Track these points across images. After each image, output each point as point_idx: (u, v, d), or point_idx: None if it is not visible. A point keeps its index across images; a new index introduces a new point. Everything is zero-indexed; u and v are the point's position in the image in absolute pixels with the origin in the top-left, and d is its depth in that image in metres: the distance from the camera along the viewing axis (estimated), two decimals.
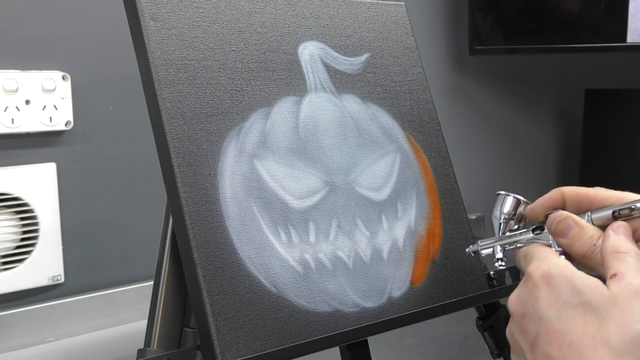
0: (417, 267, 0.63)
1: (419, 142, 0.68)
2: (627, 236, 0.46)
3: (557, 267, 0.45)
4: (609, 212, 0.48)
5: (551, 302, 0.44)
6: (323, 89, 0.63)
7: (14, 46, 1.08)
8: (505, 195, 0.55)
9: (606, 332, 0.41)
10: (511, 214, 0.55)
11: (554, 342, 0.43)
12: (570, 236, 0.49)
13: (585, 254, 0.48)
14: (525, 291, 0.46)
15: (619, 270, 0.44)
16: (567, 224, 0.49)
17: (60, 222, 1.13)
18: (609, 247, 0.46)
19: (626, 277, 0.43)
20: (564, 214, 0.50)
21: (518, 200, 0.55)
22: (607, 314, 0.42)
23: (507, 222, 0.55)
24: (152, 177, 0.89)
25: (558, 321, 0.43)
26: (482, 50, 1.59)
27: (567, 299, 0.44)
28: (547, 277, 0.45)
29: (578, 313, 0.43)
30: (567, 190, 0.52)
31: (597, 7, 1.52)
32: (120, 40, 1.16)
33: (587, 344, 0.42)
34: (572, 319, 0.43)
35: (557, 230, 0.50)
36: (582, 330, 0.42)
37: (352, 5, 0.68)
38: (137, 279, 1.20)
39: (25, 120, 1.08)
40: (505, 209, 0.55)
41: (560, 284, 0.44)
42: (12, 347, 1.08)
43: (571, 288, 0.44)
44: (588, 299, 0.43)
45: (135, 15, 0.55)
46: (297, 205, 0.58)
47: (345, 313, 0.57)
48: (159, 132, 0.54)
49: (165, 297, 0.56)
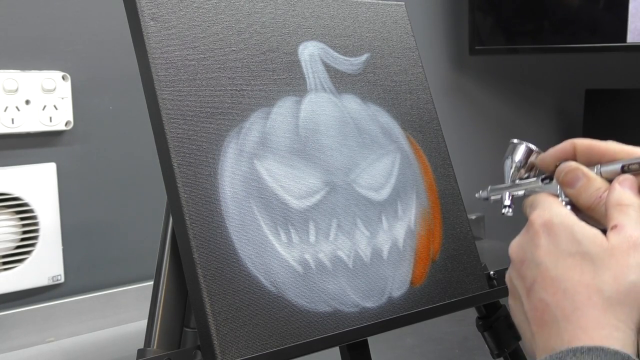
0: (417, 267, 0.63)
1: (419, 142, 0.68)
2: (632, 189, 0.47)
3: (559, 217, 0.46)
4: (618, 166, 0.48)
5: (550, 250, 0.45)
6: (323, 89, 0.63)
7: (14, 46, 1.08)
8: (517, 143, 0.56)
9: (601, 281, 0.42)
10: (522, 162, 0.55)
11: (549, 288, 0.44)
12: (578, 187, 0.49)
13: (591, 206, 0.48)
14: (526, 238, 0.47)
15: (619, 222, 0.44)
16: (576, 174, 0.50)
17: (60, 222, 1.12)
18: (613, 199, 0.46)
19: (626, 229, 0.44)
20: (573, 164, 0.50)
21: (530, 149, 0.55)
22: (603, 264, 0.43)
23: (517, 170, 0.55)
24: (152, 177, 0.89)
25: (555, 268, 0.44)
26: (482, 50, 1.59)
27: (565, 248, 0.44)
28: (548, 225, 0.46)
29: (575, 261, 0.44)
30: (579, 142, 0.52)
31: (597, 7, 1.52)
32: (120, 40, 1.15)
33: (581, 291, 0.43)
34: (568, 267, 0.44)
35: (565, 180, 0.50)
36: (577, 278, 0.43)
37: (352, 5, 0.68)
38: (137, 279, 1.20)
39: (25, 120, 1.08)
40: (516, 157, 0.55)
41: (560, 232, 0.45)
42: (12, 347, 1.07)
43: (570, 237, 0.45)
44: (586, 249, 0.44)
45: (135, 15, 0.55)
46: (297, 205, 0.58)
47: (345, 313, 0.57)
48: (159, 132, 0.54)
49: (165, 297, 0.56)
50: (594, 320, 0.42)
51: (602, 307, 0.42)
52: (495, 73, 1.74)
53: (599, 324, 0.41)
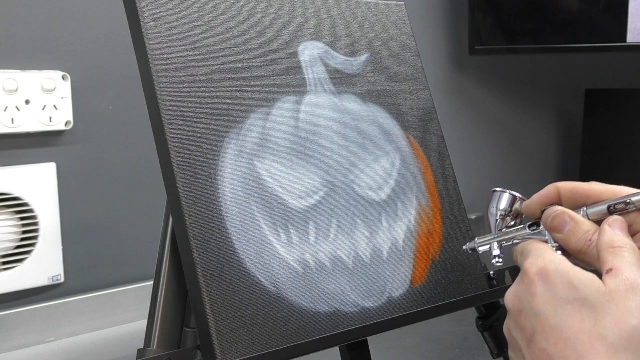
0: (417, 267, 0.63)
1: (419, 142, 0.68)
2: (623, 230, 0.46)
3: (553, 263, 0.45)
4: (605, 207, 0.48)
5: (547, 298, 0.44)
6: (323, 89, 0.63)
7: (14, 46, 1.08)
8: (501, 192, 0.55)
9: (602, 327, 0.41)
10: (507, 210, 0.55)
11: (551, 338, 0.43)
12: (566, 231, 0.49)
13: (582, 249, 0.48)
14: (522, 287, 0.46)
15: (614, 265, 0.44)
16: (563, 219, 0.49)
17: (60, 222, 1.13)
18: (604, 242, 0.46)
19: (622, 272, 0.43)
20: (559, 209, 0.50)
21: (514, 197, 0.55)
22: (603, 310, 0.42)
23: (503, 218, 0.55)
24: (152, 177, 0.89)
25: (554, 317, 0.43)
26: (482, 50, 1.59)
27: (563, 295, 0.44)
28: (543, 273, 0.45)
29: (574, 309, 0.43)
30: (562, 185, 0.52)
31: (597, 7, 1.52)
32: (120, 40, 1.16)
33: (584, 339, 0.42)
34: (568, 314, 0.43)
35: (553, 225, 0.50)
36: (578, 326, 0.42)
37: (352, 5, 0.68)
38: (137, 279, 1.20)
39: (25, 120, 1.08)
40: (501, 205, 0.55)
41: (556, 279, 0.44)
42: (12, 347, 1.08)
43: (567, 284, 0.44)
44: (584, 295, 0.43)
45: (135, 15, 0.55)
46: (297, 205, 0.58)
47: (345, 313, 0.57)
48: (159, 132, 0.54)
49: (165, 297, 0.56)
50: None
51: (606, 354, 0.41)
52: (495, 73, 1.74)
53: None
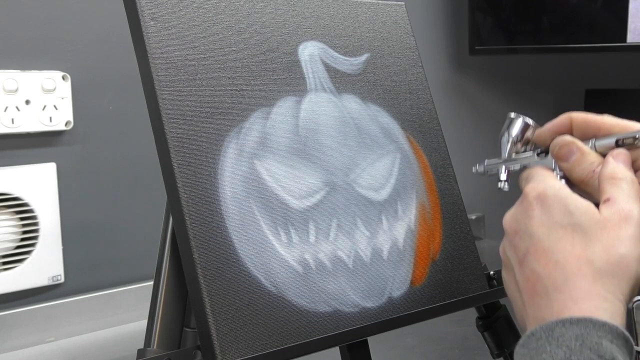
0: (417, 267, 0.63)
1: (419, 142, 0.68)
2: (625, 163, 0.47)
3: (553, 189, 0.46)
4: (612, 140, 0.49)
5: (543, 221, 0.45)
6: (323, 89, 0.63)
7: (14, 46, 1.08)
8: (514, 117, 0.56)
9: (591, 252, 0.43)
10: (519, 136, 0.55)
11: (541, 259, 0.44)
12: (572, 161, 0.50)
13: (584, 179, 0.49)
14: (520, 209, 0.48)
15: (612, 195, 0.45)
16: (570, 148, 0.50)
17: (60, 222, 1.13)
18: (606, 173, 0.47)
19: (618, 201, 0.44)
20: (567, 138, 0.51)
21: (527, 124, 0.55)
22: (594, 236, 0.43)
23: (514, 144, 0.55)
24: (152, 177, 0.89)
25: (547, 240, 0.45)
26: (482, 50, 1.59)
27: (558, 219, 0.45)
28: (542, 197, 0.46)
29: (567, 233, 0.44)
30: (575, 115, 0.52)
31: (597, 7, 1.52)
32: (120, 40, 1.16)
33: (572, 262, 0.43)
34: (560, 238, 0.44)
35: (560, 154, 0.50)
36: (569, 250, 0.43)
37: (352, 5, 0.68)
38: (137, 279, 1.20)
39: (25, 120, 1.08)
40: (513, 131, 0.55)
41: (553, 204, 0.45)
42: (12, 347, 1.08)
43: (563, 209, 0.45)
44: (578, 221, 0.44)
45: (135, 15, 0.55)
46: (297, 205, 0.58)
47: (345, 313, 0.57)
48: (159, 132, 0.54)
49: (165, 297, 0.56)
50: (583, 291, 0.42)
51: (592, 278, 0.42)
52: (495, 73, 1.74)
53: (588, 295, 0.42)
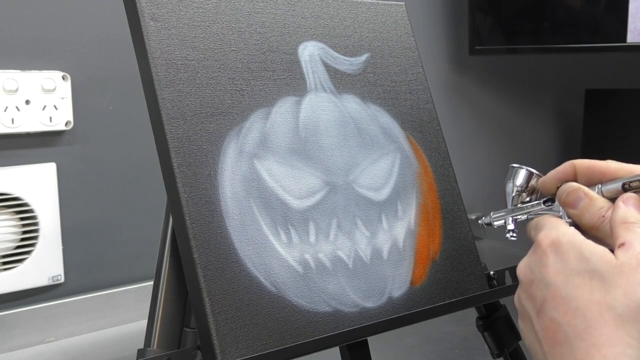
0: (417, 267, 0.63)
1: (419, 142, 0.68)
2: (636, 207, 0.47)
3: (566, 236, 0.46)
4: (619, 184, 0.49)
5: (559, 269, 0.45)
6: (323, 89, 0.63)
7: (14, 46, 1.08)
8: (518, 167, 0.56)
9: (612, 298, 0.42)
10: (523, 186, 0.56)
11: (560, 308, 0.44)
12: (580, 207, 0.50)
13: (594, 225, 0.49)
14: (534, 258, 0.47)
15: (627, 240, 0.44)
16: (577, 195, 0.50)
17: (60, 222, 1.13)
18: (618, 218, 0.46)
19: (634, 246, 0.44)
20: (574, 185, 0.51)
21: (530, 173, 0.55)
22: (613, 282, 0.43)
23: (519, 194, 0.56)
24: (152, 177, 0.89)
25: (565, 287, 0.44)
26: (482, 50, 1.59)
27: (574, 266, 0.44)
28: (556, 245, 0.46)
29: (585, 280, 0.44)
30: (578, 162, 0.53)
31: (597, 7, 1.52)
32: (120, 40, 1.16)
33: (593, 309, 0.42)
34: (578, 285, 0.44)
35: (568, 201, 0.50)
36: (588, 297, 0.43)
37: (352, 5, 0.68)
38: (137, 279, 1.20)
39: (25, 120, 1.08)
40: (517, 181, 0.56)
41: (568, 251, 0.45)
42: (12, 347, 1.08)
43: (579, 255, 0.45)
44: (595, 267, 0.44)
45: (135, 15, 0.55)
46: (297, 205, 0.58)
47: (345, 313, 0.57)
48: (159, 132, 0.54)
49: (165, 297, 0.56)
50: (606, 338, 0.41)
51: (614, 325, 0.42)
52: (495, 73, 1.74)
53: (611, 342, 0.41)
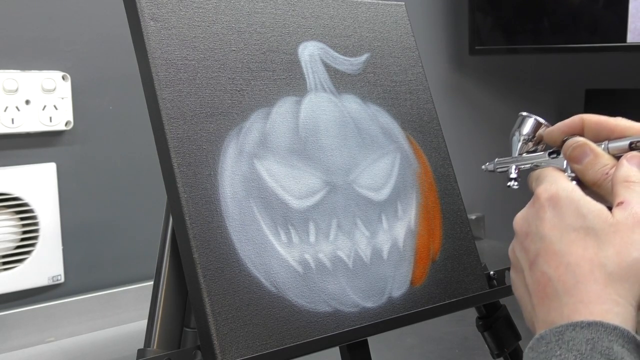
0: (417, 267, 0.63)
1: (419, 142, 0.68)
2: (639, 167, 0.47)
3: (565, 191, 0.46)
4: (626, 143, 0.48)
5: (554, 224, 0.45)
6: (323, 89, 0.63)
7: (14, 46, 1.08)
8: (526, 116, 0.55)
9: (604, 256, 0.42)
10: (530, 135, 0.55)
11: (552, 262, 0.44)
12: (585, 163, 0.49)
13: (597, 182, 0.48)
14: (532, 211, 0.47)
15: (625, 199, 0.44)
16: (583, 150, 0.50)
17: (60, 222, 1.13)
18: (620, 176, 0.46)
19: (632, 205, 0.44)
20: (581, 140, 0.50)
21: (538, 123, 0.55)
22: (607, 240, 0.43)
23: (525, 143, 0.55)
24: (152, 177, 0.89)
25: (559, 242, 0.44)
26: (482, 50, 1.59)
27: (570, 222, 0.44)
28: (554, 199, 0.46)
29: (579, 236, 0.44)
30: (587, 117, 0.52)
31: (597, 7, 1.52)
32: (120, 40, 1.15)
33: (584, 266, 0.43)
34: (572, 241, 0.44)
35: (573, 155, 0.50)
36: (581, 253, 0.43)
37: (352, 5, 0.68)
38: (137, 279, 1.20)
39: (25, 120, 1.08)
40: (524, 130, 0.55)
41: (565, 207, 0.45)
42: (12, 347, 1.08)
43: (576, 212, 0.45)
44: (591, 224, 0.44)
45: (135, 15, 0.55)
46: (297, 205, 0.58)
47: (345, 313, 0.57)
48: (159, 132, 0.54)
49: (165, 297, 0.56)
50: (595, 295, 0.42)
51: (603, 282, 0.42)
52: (495, 73, 1.74)
53: (599, 299, 0.41)
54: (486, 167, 0.58)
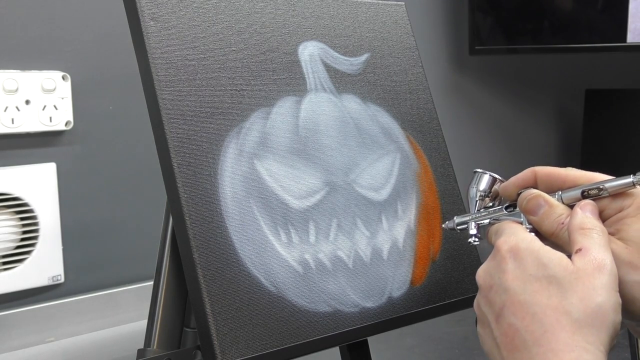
0: (417, 267, 0.63)
1: (419, 142, 0.68)
2: (593, 214, 0.48)
3: (525, 242, 0.46)
4: (578, 192, 0.49)
5: (517, 275, 0.45)
6: (323, 89, 0.63)
7: (14, 46, 1.08)
8: (481, 173, 0.56)
9: (568, 304, 0.43)
10: (487, 191, 0.56)
11: (518, 313, 0.44)
12: (540, 214, 0.50)
13: (554, 232, 0.49)
14: (493, 264, 0.47)
15: (584, 245, 0.45)
16: (537, 202, 0.50)
17: (60, 222, 1.13)
18: (575, 224, 0.47)
19: (590, 252, 0.44)
20: (534, 192, 0.51)
21: (494, 179, 0.56)
22: (570, 287, 0.43)
23: (482, 199, 0.56)
24: (152, 177, 0.89)
25: (523, 293, 0.44)
26: (482, 50, 1.59)
27: (532, 272, 0.45)
28: (515, 251, 0.46)
29: (542, 285, 0.44)
30: (539, 169, 0.53)
31: (597, 7, 1.52)
32: (120, 40, 1.15)
33: (550, 315, 0.43)
34: (536, 291, 0.44)
35: (528, 208, 0.51)
36: (545, 302, 0.43)
37: (352, 5, 0.68)
38: (137, 279, 1.20)
39: (25, 120, 1.08)
40: (480, 186, 0.56)
41: (526, 257, 0.46)
42: (12, 347, 1.08)
43: (537, 261, 0.45)
44: (552, 272, 0.44)
45: (135, 15, 0.55)
46: (297, 205, 0.58)
47: (345, 313, 0.57)
48: (159, 132, 0.54)
49: (165, 297, 0.56)
50: (563, 343, 0.42)
51: (570, 330, 0.42)
52: (495, 73, 1.74)
53: (568, 347, 0.42)
54: (446, 225, 0.59)
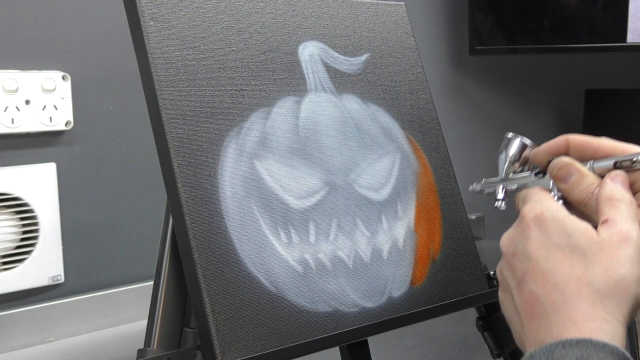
0: (417, 267, 0.63)
1: (419, 142, 0.68)
2: (623, 185, 0.47)
3: (550, 210, 0.47)
4: (611, 162, 0.49)
5: (541, 243, 0.46)
6: (323, 89, 0.63)
7: (14, 46, 1.08)
8: (512, 137, 0.56)
9: (591, 274, 0.43)
10: (516, 156, 0.56)
11: (540, 281, 0.44)
12: (570, 182, 0.50)
13: (583, 201, 0.49)
14: (518, 231, 0.48)
15: (610, 217, 0.45)
16: (569, 170, 0.50)
17: (60, 222, 1.12)
18: (604, 194, 0.47)
19: (616, 223, 0.44)
20: (566, 159, 0.51)
21: (524, 144, 0.56)
22: (593, 258, 0.43)
23: (511, 164, 0.56)
24: (152, 177, 0.89)
25: (546, 261, 0.45)
26: (482, 50, 1.59)
27: (556, 241, 0.45)
28: (540, 219, 0.46)
29: (565, 255, 0.44)
30: (572, 137, 0.53)
31: (597, 7, 1.52)
32: (120, 40, 1.15)
33: (571, 284, 0.43)
34: (559, 260, 0.44)
35: (558, 175, 0.51)
36: (567, 272, 0.44)
37: (352, 5, 0.68)
38: (137, 279, 1.20)
39: (25, 120, 1.08)
40: (510, 151, 0.56)
41: (551, 226, 0.46)
42: (12, 347, 1.07)
43: (561, 231, 0.45)
44: (577, 242, 0.44)
45: (135, 15, 0.55)
46: (297, 205, 0.58)
47: (345, 313, 0.57)
48: (159, 132, 0.54)
49: (165, 297, 0.56)
50: (583, 313, 0.42)
51: (591, 300, 0.42)
52: (495, 73, 1.74)
53: (588, 316, 0.42)
54: (473, 187, 0.59)
